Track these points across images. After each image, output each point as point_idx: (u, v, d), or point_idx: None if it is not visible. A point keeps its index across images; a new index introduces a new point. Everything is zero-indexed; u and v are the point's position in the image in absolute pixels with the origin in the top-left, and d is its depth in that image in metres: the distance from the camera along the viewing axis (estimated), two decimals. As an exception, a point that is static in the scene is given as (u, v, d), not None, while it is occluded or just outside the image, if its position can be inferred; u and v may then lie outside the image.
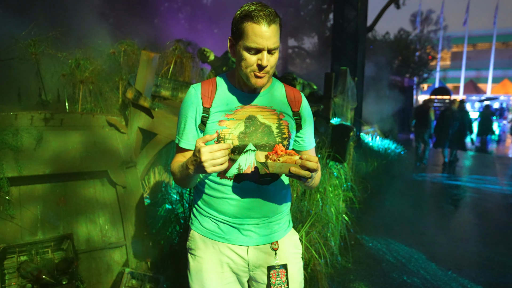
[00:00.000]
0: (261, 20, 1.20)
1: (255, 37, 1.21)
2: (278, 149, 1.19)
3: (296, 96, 1.46)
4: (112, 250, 2.47)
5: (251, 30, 1.21)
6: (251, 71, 1.26)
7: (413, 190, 6.74)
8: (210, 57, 4.75)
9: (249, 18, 1.21)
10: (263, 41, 1.21)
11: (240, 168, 1.34)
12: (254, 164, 1.34)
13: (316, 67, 13.49)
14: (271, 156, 1.18)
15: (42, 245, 2.19)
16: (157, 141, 2.86)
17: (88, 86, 2.86)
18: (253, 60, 1.24)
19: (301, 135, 1.47)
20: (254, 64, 1.25)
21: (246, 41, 1.22)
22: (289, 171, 1.16)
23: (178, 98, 3.26)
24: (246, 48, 1.24)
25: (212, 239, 1.40)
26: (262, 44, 1.21)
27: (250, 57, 1.24)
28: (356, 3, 7.07)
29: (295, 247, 1.50)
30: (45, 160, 2.30)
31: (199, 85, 1.39)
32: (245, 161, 1.33)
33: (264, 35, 1.20)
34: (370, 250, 3.88)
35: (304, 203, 3.13)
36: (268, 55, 1.24)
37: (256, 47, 1.22)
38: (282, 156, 1.17)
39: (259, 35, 1.20)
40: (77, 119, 2.51)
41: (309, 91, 5.56)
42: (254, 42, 1.21)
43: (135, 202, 2.59)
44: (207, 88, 1.37)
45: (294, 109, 1.43)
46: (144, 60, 2.80)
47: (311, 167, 1.15)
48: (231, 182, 1.35)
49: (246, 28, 1.22)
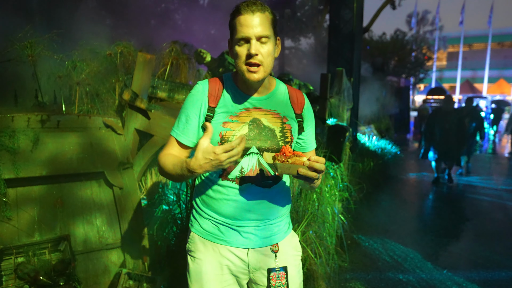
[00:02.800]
0: (245, 10, 1.22)
1: (241, 27, 1.23)
2: (286, 151, 1.20)
3: (299, 98, 1.46)
4: (109, 251, 2.48)
5: (238, 22, 1.24)
6: (243, 64, 1.26)
7: (409, 190, 6.77)
8: (206, 58, 4.76)
9: (236, 12, 1.25)
10: (249, 29, 1.22)
11: (243, 170, 1.34)
12: (257, 167, 1.34)
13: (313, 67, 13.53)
14: (279, 158, 1.18)
15: (39, 246, 2.20)
16: (154, 142, 2.87)
17: (84, 87, 2.87)
18: (244, 52, 1.25)
19: (303, 137, 1.48)
20: (244, 55, 1.25)
21: (235, 35, 1.25)
22: (297, 172, 1.17)
23: (174, 100, 3.27)
24: (236, 41, 1.26)
25: (212, 241, 1.39)
26: (248, 33, 1.22)
27: (241, 49, 1.25)
28: (352, 4, 7.10)
29: (295, 249, 1.51)
30: (42, 161, 2.31)
31: (206, 82, 1.38)
32: (247, 163, 1.34)
33: (250, 23, 1.22)
34: (366, 249, 3.91)
35: (300, 203, 3.15)
36: (258, 44, 1.24)
37: (242, 36, 1.23)
38: (291, 158, 1.18)
39: (245, 24, 1.22)
40: (73, 120, 2.52)
41: (305, 91, 5.59)
42: (241, 32, 1.23)
43: (132, 203, 2.60)
44: (214, 87, 1.36)
45: (297, 111, 1.44)
46: (141, 61, 2.81)
47: (318, 169, 1.16)
48: (232, 183, 1.35)
49: (235, 22, 1.25)
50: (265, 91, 1.39)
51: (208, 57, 4.71)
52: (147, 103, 2.81)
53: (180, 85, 3.30)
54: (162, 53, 3.56)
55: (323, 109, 4.77)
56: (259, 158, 1.34)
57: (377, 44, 19.27)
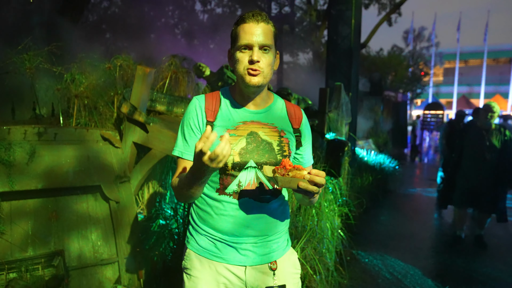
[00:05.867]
0: (250, 19, 1.26)
1: (244, 35, 1.26)
2: (286, 164, 1.18)
3: (296, 113, 1.46)
4: (104, 266, 2.42)
5: (242, 30, 1.27)
6: (244, 69, 1.27)
7: (408, 205, 6.73)
8: (205, 72, 4.79)
9: (241, 21, 1.28)
10: (252, 37, 1.25)
11: (240, 185, 1.31)
12: (255, 181, 1.32)
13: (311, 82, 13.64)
14: (279, 171, 1.16)
15: (32, 261, 2.15)
16: (152, 155, 2.84)
17: (83, 100, 2.86)
18: (245, 58, 1.27)
19: (301, 152, 1.46)
20: (246, 61, 1.27)
21: (238, 42, 1.27)
22: (298, 186, 1.15)
23: (173, 113, 3.26)
24: (238, 48, 1.28)
25: (208, 259, 1.36)
26: (251, 40, 1.25)
27: (243, 55, 1.27)
28: (350, 20, 7.20)
29: (294, 267, 1.47)
30: (37, 174, 2.27)
31: (203, 97, 1.37)
32: (245, 177, 1.31)
33: (254, 31, 1.26)
34: (366, 266, 3.84)
35: (299, 219, 3.11)
36: (260, 52, 1.27)
37: (246, 43, 1.26)
38: (291, 171, 1.16)
39: (249, 32, 1.26)
40: (71, 133, 2.50)
41: (304, 106, 5.61)
42: (244, 39, 1.26)
43: (129, 217, 2.56)
44: (211, 101, 1.36)
45: (295, 126, 1.43)
46: (140, 75, 2.81)
47: (319, 182, 1.14)
48: (230, 198, 1.32)
49: (238, 30, 1.28)
50: (263, 105, 1.39)
51: (207, 71, 4.73)
52: (146, 116, 2.79)
53: (179, 99, 3.29)
54: (161, 67, 3.57)
55: (322, 123, 4.77)
56: (257, 172, 1.32)
57: (374, 60, 19.50)
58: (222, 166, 1.29)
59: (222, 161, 1.05)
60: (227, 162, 1.29)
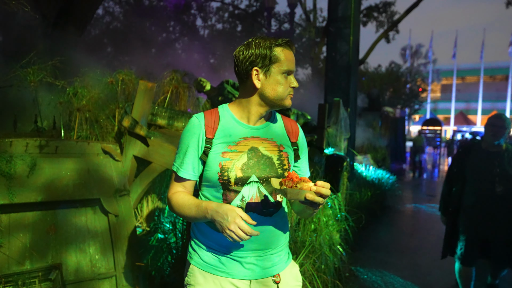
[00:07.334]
0: (290, 46, 1.36)
1: (287, 61, 1.34)
2: (293, 176, 1.21)
3: (293, 127, 1.51)
4: (101, 281, 2.41)
5: (285, 55, 1.34)
6: (288, 93, 1.37)
7: (407, 220, 6.71)
8: (206, 87, 4.84)
9: (283, 45, 1.35)
10: (293, 65, 1.37)
11: (243, 200, 1.34)
12: (257, 195, 1.35)
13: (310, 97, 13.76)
14: (286, 183, 1.20)
15: (29, 275, 2.13)
16: (152, 169, 2.85)
17: (84, 113, 2.88)
18: (287, 82, 1.37)
19: (298, 164, 1.51)
20: (288, 85, 1.37)
21: (282, 66, 1.34)
22: (305, 198, 1.18)
23: (174, 127, 3.29)
24: (282, 71, 1.35)
25: (212, 274, 1.37)
26: (293, 67, 1.37)
27: (285, 79, 1.36)
28: (348, 37, 7.32)
29: (295, 280, 1.49)
30: (37, 187, 2.28)
31: (202, 115, 1.40)
32: (248, 192, 1.34)
33: (293, 59, 1.38)
34: (365, 282, 3.81)
35: (298, 234, 3.10)
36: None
37: (289, 70, 1.35)
38: (299, 183, 1.19)
39: (291, 59, 1.36)
40: (72, 146, 2.51)
41: (303, 121, 5.65)
42: (288, 65, 1.35)
43: (127, 231, 2.55)
44: (210, 118, 1.39)
45: (292, 140, 1.48)
46: (142, 89, 2.85)
47: (324, 194, 1.18)
48: None
49: (279, 54, 1.33)
50: (262, 121, 1.43)
51: (207, 85, 4.78)
52: (147, 130, 2.82)
53: (180, 113, 3.33)
54: (162, 81, 3.62)
55: (321, 139, 4.80)
56: (259, 187, 1.35)
57: (373, 76, 19.71)
58: (225, 182, 1.32)
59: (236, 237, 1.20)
60: (229, 177, 1.32)
